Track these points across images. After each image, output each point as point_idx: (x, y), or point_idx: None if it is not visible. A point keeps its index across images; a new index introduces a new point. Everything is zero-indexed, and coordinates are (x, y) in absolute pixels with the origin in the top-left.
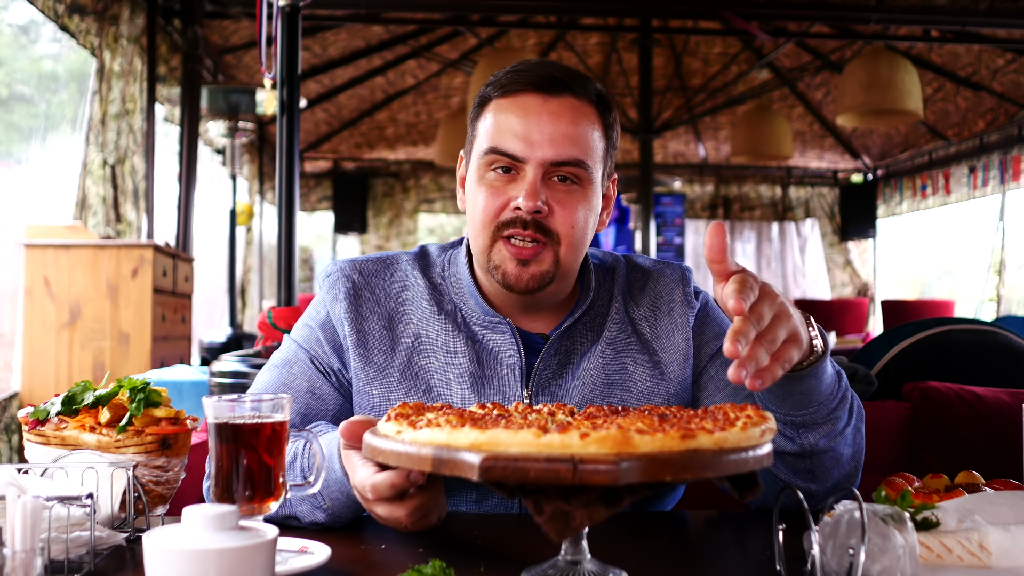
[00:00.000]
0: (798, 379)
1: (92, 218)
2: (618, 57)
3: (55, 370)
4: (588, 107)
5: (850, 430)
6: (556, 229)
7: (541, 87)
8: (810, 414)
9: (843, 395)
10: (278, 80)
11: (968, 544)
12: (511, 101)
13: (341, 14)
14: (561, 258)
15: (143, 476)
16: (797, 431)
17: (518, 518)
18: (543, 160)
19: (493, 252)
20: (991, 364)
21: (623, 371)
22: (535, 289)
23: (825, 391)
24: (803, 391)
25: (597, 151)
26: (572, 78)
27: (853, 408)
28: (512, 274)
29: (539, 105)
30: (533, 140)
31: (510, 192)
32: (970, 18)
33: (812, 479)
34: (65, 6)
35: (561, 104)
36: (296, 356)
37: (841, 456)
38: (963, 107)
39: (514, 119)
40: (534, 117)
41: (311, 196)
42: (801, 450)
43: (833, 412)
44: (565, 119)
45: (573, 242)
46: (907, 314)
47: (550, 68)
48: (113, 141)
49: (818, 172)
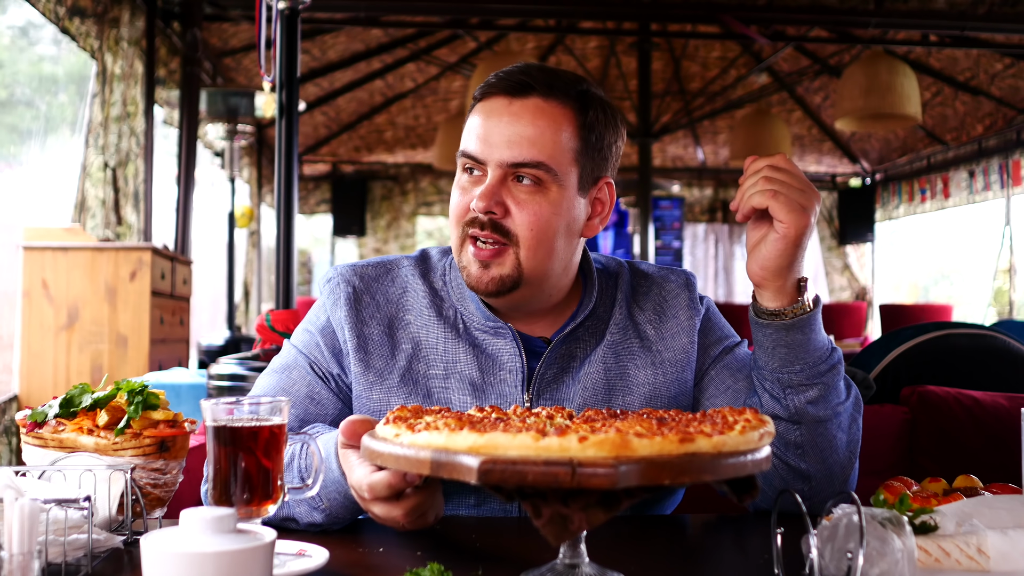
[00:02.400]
0: (783, 328)
1: (91, 220)
2: (617, 61)
3: (53, 372)
4: (557, 107)
5: (845, 413)
6: (514, 231)
7: (508, 90)
8: (796, 373)
9: (834, 364)
10: (277, 83)
11: (966, 548)
12: (481, 105)
13: (340, 17)
14: (523, 261)
15: (141, 479)
16: (784, 391)
17: (516, 521)
18: (500, 161)
19: (462, 253)
20: (989, 368)
21: (624, 374)
22: (495, 292)
23: (813, 351)
24: (789, 344)
25: (565, 152)
26: (546, 80)
27: (851, 392)
28: (474, 275)
29: (503, 108)
30: (492, 142)
31: (473, 192)
32: (969, 22)
33: (803, 457)
34: (66, 8)
35: (524, 106)
36: (295, 361)
37: (834, 438)
38: (961, 111)
39: (479, 121)
40: (495, 119)
41: (310, 199)
42: (789, 414)
43: (822, 376)
44: (524, 120)
45: (533, 244)
46: (905, 318)
47: (527, 71)
48: (114, 144)
49: (816, 176)
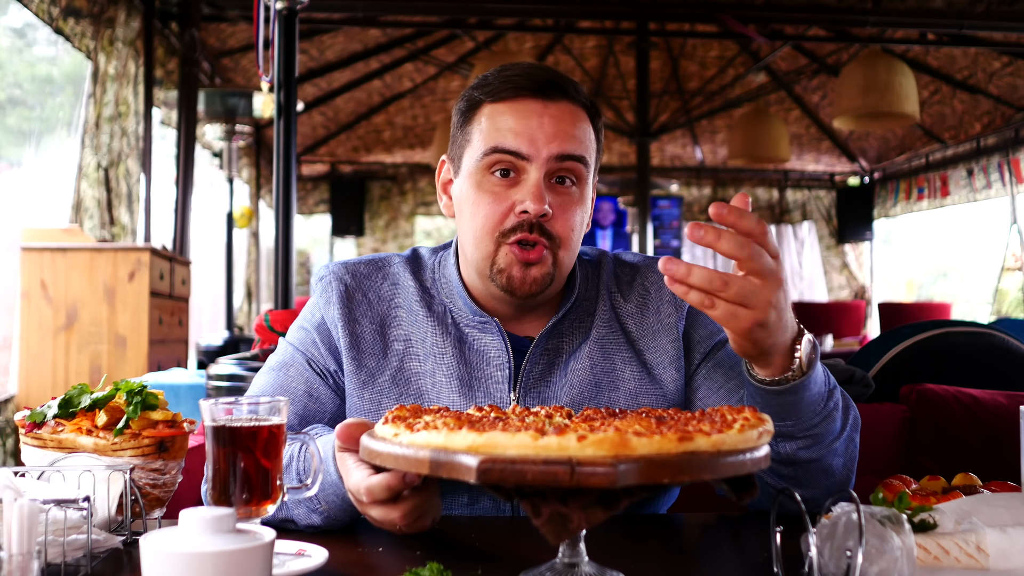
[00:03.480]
0: (777, 393)
1: (88, 221)
2: (615, 60)
3: (52, 373)
4: (580, 111)
5: (840, 443)
6: (557, 232)
7: (539, 91)
8: (788, 427)
9: (828, 413)
10: (275, 83)
11: (965, 546)
12: (508, 106)
13: (338, 17)
14: (559, 261)
15: (140, 479)
16: (775, 440)
17: (516, 521)
18: (550, 155)
19: (498, 256)
20: (988, 366)
21: (611, 370)
22: (536, 292)
23: (807, 407)
24: (782, 405)
25: (592, 153)
26: (567, 82)
27: (847, 420)
28: (517, 277)
29: (540, 109)
30: (537, 138)
31: (513, 196)
32: (967, 21)
33: (798, 486)
34: (60, 9)
35: (560, 108)
36: (292, 359)
37: (829, 466)
38: (960, 110)
39: (513, 121)
40: (536, 120)
41: (308, 199)
42: (779, 457)
43: (815, 428)
44: (566, 120)
45: (571, 245)
46: (904, 316)
47: (543, 72)
48: (106, 144)
49: (815, 175)
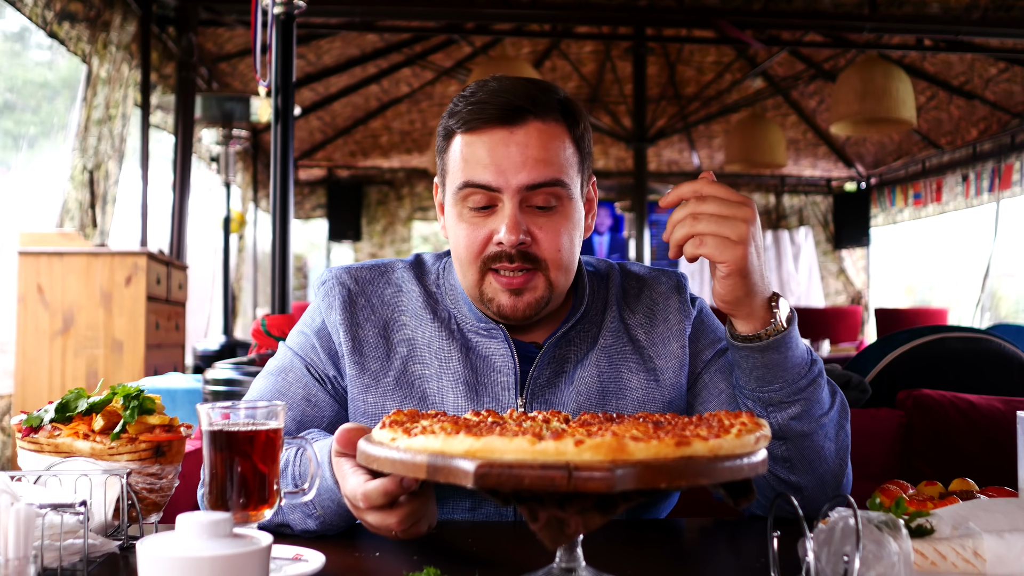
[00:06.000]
0: (758, 350)
1: (70, 223)
2: (612, 66)
3: (48, 377)
4: (555, 126)
5: (830, 423)
6: (543, 256)
7: (505, 119)
8: (776, 391)
9: (814, 379)
10: (272, 88)
11: (963, 551)
12: (477, 137)
13: (336, 22)
14: (553, 281)
15: (137, 483)
16: (766, 409)
17: (513, 525)
18: (519, 186)
19: (484, 286)
20: (984, 372)
21: (618, 379)
22: (532, 316)
23: (792, 368)
24: (766, 364)
25: (572, 166)
26: (533, 100)
27: (835, 400)
28: (507, 305)
29: (506, 137)
30: (505, 169)
31: (491, 225)
32: (963, 27)
33: (792, 470)
34: (54, 13)
35: (527, 132)
36: (292, 363)
37: (822, 449)
38: (956, 116)
39: (483, 152)
40: (502, 149)
41: (305, 204)
42: (773, 432)
43: (802, 392)
44: (532, 145)
45: (562, 265)
46: (901, 322)
47: (510, 94)
48: (93, 147)
49: (812, 180)
